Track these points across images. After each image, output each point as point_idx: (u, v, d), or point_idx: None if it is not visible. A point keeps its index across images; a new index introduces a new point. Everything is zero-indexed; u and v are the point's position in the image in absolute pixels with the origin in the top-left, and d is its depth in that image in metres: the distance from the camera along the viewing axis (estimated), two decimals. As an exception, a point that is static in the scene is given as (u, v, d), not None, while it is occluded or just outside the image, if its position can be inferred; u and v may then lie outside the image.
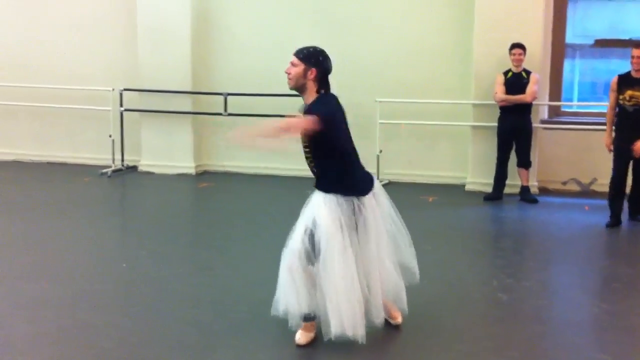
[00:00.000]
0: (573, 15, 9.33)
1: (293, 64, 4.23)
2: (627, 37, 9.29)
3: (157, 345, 4.31)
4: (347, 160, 4.26)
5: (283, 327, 4.30)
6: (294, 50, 4.33)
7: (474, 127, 9.02)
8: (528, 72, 8.33)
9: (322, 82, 4.24)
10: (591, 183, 8.63)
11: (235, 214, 8.01)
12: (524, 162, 8.43)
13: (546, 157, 9.07)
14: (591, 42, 9.35)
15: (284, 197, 8.72)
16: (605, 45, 9.33)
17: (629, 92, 7.07)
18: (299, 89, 4.25)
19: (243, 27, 10.02)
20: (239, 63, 10.05)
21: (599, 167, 8.53)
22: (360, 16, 9.63)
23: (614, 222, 7.28)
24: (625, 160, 7.20)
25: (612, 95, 7.30)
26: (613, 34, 9.33)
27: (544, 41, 8.90)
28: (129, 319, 4.70)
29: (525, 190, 8.47)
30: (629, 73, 7.20)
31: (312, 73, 4.18)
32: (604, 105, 8.60)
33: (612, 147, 7.31)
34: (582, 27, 9.51)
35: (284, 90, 9.37)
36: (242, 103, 9.76)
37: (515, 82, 8.31)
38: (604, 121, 8.00)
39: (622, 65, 7.86)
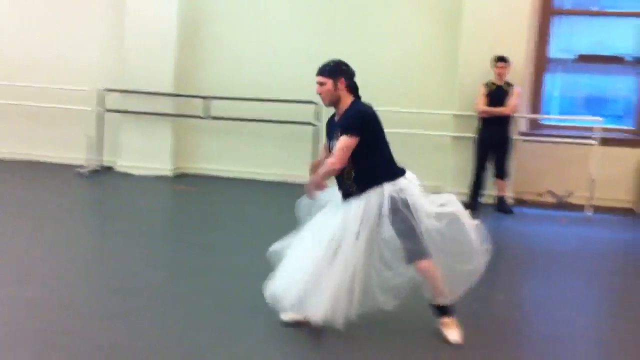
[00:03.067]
0: (558, 30, 9.39)
1: (321, 83, 4.34)
2: (610, 54, 9.36)
3: (140, 351, 4.18)
4: (386, 149, 4.38)
5: (272, 329, 4.27)
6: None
7: (454, 137, 9.04)
8: (510, 85, 8.38)
9: (352, 87, 4.36)
10: (567, 196, 8.65)
11: (213, 216, 7.94)
12: (501, 174, 8.49)
13: (523, 168, 9.10)
14: (575, 57, 9.40)
15: (260, 200, 8.71)
16: (588, 60, 9.39)
17: None
18: (334, 103, 4.37)
19: (230, 34, 9.99)
20: (224, 69, 10.02)
21: (575, 180, 8.59)
22: (347, 26, 9.64)
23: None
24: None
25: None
26: (597, 50, 9.39)
27: (527, 55, 8.95)
28: (109, 323, 4.57)
29: (501, 200, 8.53)
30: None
31: (341, 83, 4.31)
32: (583, 120, 8.67)
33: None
34: (567, 42, 9.56)
35: (265, 95, 9.42)
36: (224, 107, 9.71)
37: (497, 94, 8.35)
38: (582, 134, 8.12)
39: (604, 80, 7.94)
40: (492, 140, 8.38)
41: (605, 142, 8.65)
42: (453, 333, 4.43)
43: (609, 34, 9.60)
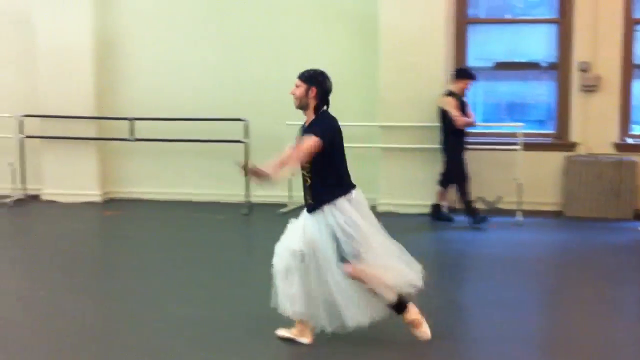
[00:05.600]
0: (473, 39, 9.64)
1: (297, 85, 4.58)
2: (524, 60, 9.67)
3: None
4: (344, 163, 4.61)
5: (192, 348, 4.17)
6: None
7: (383, 148, 9.15)
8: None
9: (322, 100, 4.61)
10: (496, 201, 8.86)
11: (143, 241, 7.81)
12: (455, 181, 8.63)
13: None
14: (491, 65, 9.67)
15: (192, 222, 8.61)
16: (505, 68, 9.68)
17: None
18: (303, 107, 4.60)
19: (146, 51, 9.89)
20: (145, 88, 9.90)
21: (503, 186, 8.80)
22: (267, 41, 9.65)
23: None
24: None
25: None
26: (512, 57, 9.69)
27: (446, 65, 9.16)
28: (35, 354, 4.47)
29: (437, 207, 8.75)
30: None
31: (312, 92, 4.54)
32: (506, 126, 8.90)
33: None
34: (483, 50, 9.82)
35: (190, 114, 9.34)
36: (149, 129, 9.59)
37: (462, 105, 8.42)
38: (506, 141, 8.35)
39: (521, 86, 8.21)
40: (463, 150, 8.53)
41: (528, 147, 8.90)
42: (419, 331, 4.60)
43: (523, 41, 9.91)
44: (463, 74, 8.55)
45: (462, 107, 8.42)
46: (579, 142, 9.22)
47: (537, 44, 9.81)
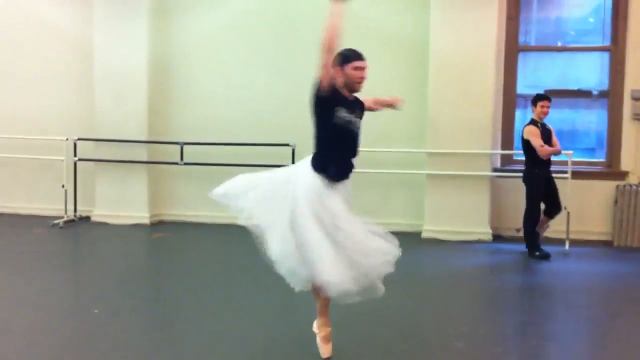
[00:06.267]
0: (524, 66, 9.59)
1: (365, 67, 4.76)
2: (575, 88, 9.55)
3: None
4: (331, 151, 4.54)
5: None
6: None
7: (429, 175, 9.12)
8: (545, 123, 8.30)
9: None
10: (544, 230, 8.71)
11: (191, 264, 7.88)
12: (556, 211, 8.30)
13: (500, 204, 9.21)
14: (541, 92, 9.57)
15: (239, 246, 8.65)
16: (555, 95, 9.56)
17: None
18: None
19: (200, 76, 10.07)
20: (196, 112, 10.07)
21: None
22: (315, 67, 9.70)
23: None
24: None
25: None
26: (562, 85, 9.58)
27: (496, 92, 9.12)
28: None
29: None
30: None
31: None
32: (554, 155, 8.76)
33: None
34: (533, 78, 9.75)
35: (239, 139, 9.45)
36: (199, 152, 9.74)
37: (546, 132, 8.18)
38: (555, 169, 8.27)
39: (572, 114, 8.11)
40: (547, 180, 8.22)
41: (578, 175, 8.78)
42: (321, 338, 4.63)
43: (574, 69, 9.80)
44: (536, 97, 8.28)
45: (547, 135, 8.17)
46: (629, 170, 9.06)
47: (589, 71, 9.70)
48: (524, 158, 8.34)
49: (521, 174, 8.45)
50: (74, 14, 10.38)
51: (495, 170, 9.27)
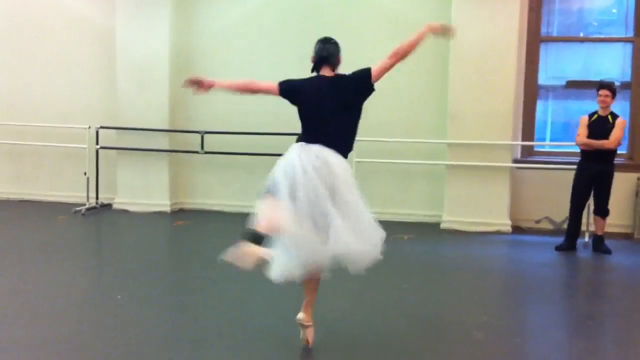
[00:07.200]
0: (545, 57, 9.55)
1: None
2: (597, 79, 9.49)
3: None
4: (307, 124, 5.12)
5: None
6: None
7: (449, 165, 9.13)
8: (615, 116, 7.91)
9: (315, 64, 5.33)
10: (564, 221, 8.70)
11: (211, 252, 7.91)
12: (602, 210, 8.03)
13: (519, 196, 9.20)
14: (563, 83, 9.55)
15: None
16: (576, 86, 9.53)
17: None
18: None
19: (222, 66, 10.08)
20: (217, 101, 10.09)
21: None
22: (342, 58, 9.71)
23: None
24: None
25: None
26: (584, 76, 9.53)
27: (517, 83, 9.09)
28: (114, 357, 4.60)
29: (599, 240, 8.09)
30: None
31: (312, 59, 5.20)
32: (574, 146, 8.72)
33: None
34: (555, 69, 9.71)
35: (259, 128, 9.50)
36: (219, 141, 9.81)
37: (599, 125, 7.84)
38: (575, 161, 8.17)
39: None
40: (593, 176, 7.93)
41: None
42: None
43: (596, 60, 9.74)
44: (597, 86, 8.03)
45: (600, 126, 7.83)
46: (651, 163, 9.01)
47: (611, 62, 9.63)
48: (542, 149, 8.30)
49: (541, 165, 8.41)
50: (98, 4, 10.46)
51: (515, 161, 9.25)
